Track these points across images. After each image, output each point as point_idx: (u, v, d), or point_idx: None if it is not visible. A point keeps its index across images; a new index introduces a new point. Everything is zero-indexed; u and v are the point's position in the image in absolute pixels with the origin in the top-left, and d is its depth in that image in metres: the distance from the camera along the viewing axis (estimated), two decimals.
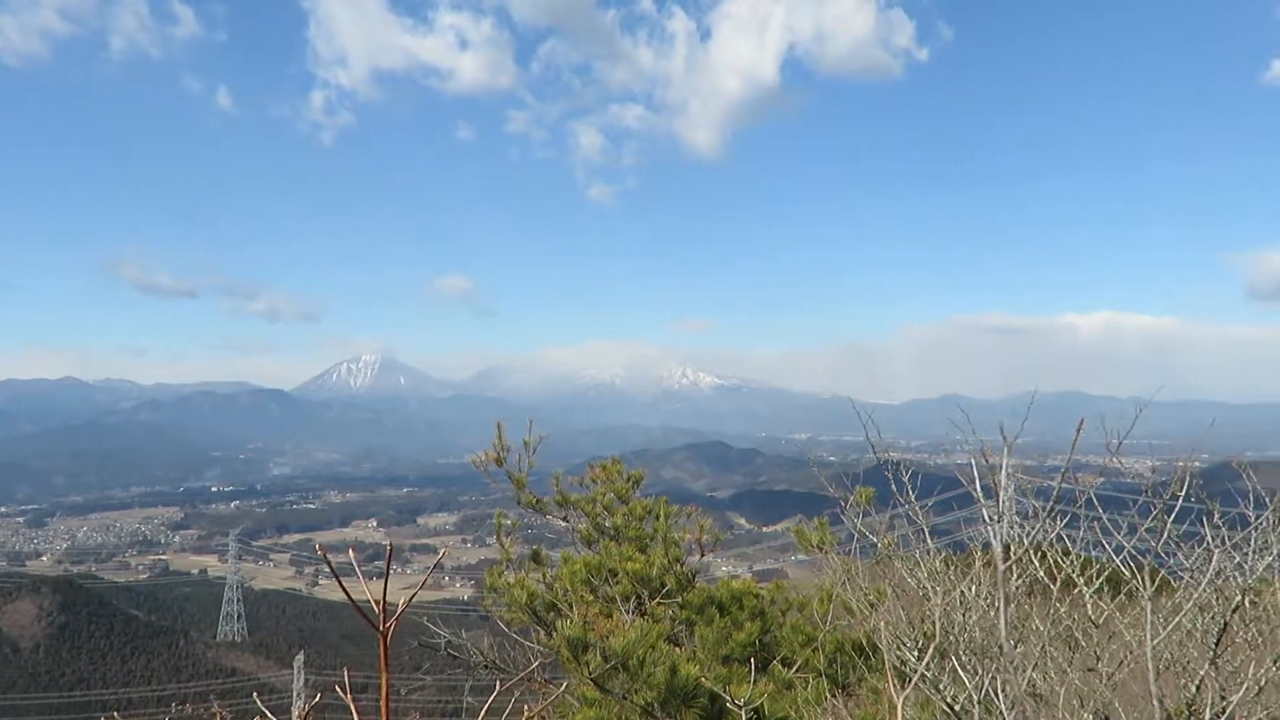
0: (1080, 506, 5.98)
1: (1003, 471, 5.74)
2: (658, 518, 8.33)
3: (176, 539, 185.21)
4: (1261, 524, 5.20)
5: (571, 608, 6.36)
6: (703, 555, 8.35)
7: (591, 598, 7.10)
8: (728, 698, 4.69)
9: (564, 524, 8.83)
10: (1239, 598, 4.64)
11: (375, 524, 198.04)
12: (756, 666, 7.24)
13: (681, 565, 7.86)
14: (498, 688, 2.51)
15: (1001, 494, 5.81)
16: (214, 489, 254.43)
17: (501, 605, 7.40)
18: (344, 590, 1.63)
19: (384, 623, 1.56)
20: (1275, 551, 4.71)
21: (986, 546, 7.32)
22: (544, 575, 7.98)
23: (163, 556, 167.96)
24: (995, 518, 3.46)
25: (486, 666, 6.12)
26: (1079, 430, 5.31)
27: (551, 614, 7.00)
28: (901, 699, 2.40)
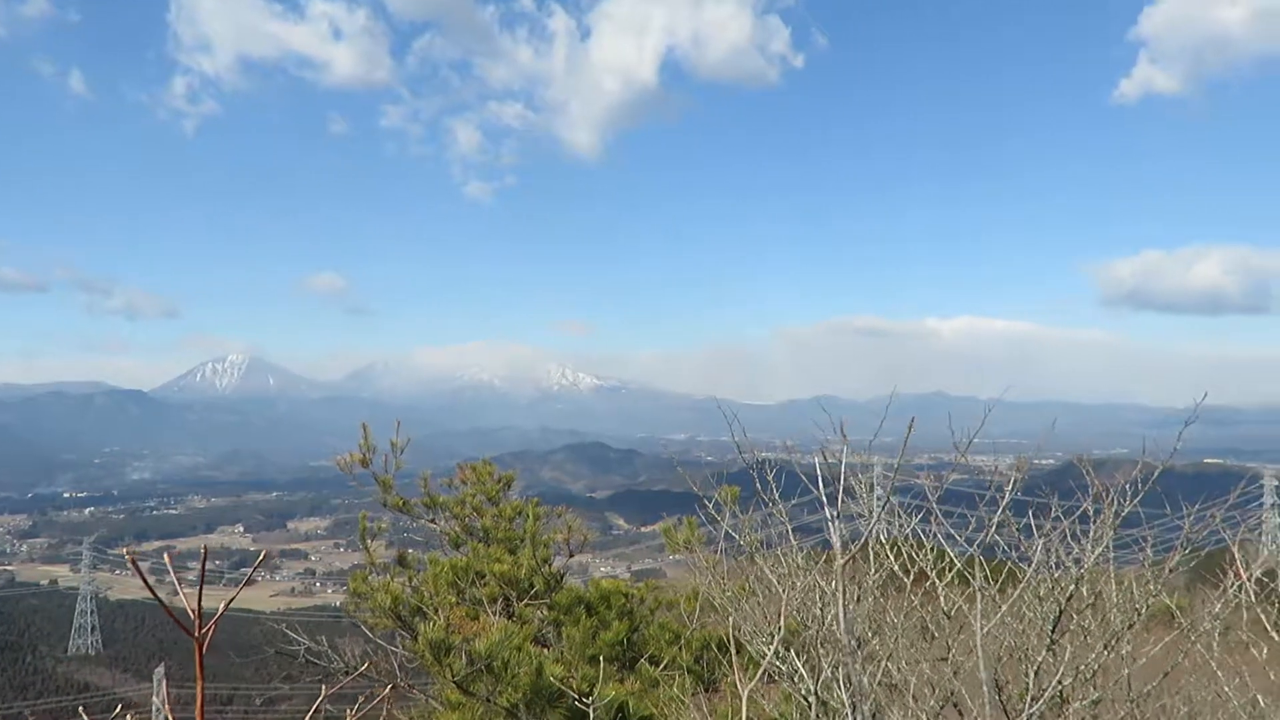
0: (937, 502, 6.22)
1: (874, 470, 5.95)
2: (528, 519, 8.28)
3: (23, 548, 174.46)
4: (1100, 518, 5.51)
5: (437, 611, 6.26)
6: (571, 555, 8.35)
7: (458, 600, 7.01)
8: (575, 697, 4.70)
9: (433, 526, 8.69)
10: (1073, 587, 4.91)
11: (242, 529, 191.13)
12: (624, 665, 7.28)
13: (550, 566, 7.83)
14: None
15: (841, 489, 6.01)
16: (66, 495, 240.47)
17: (366, 610, 7.23)
18: (153, 594, 1.56)
19: (199, 628, 1.50)
20: (1105, 543, 5.00)
21: (847, 543, 7.54)
22: (410, 578, 7.84)
23: (8, 567, 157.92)
24: (835, 514, 3.57)
25: (348, 673, 5.96)
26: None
27: (417, 618, 6.87)
28: (746, 691, 2.45)
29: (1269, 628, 5.06)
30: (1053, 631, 4.96)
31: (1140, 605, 5.21)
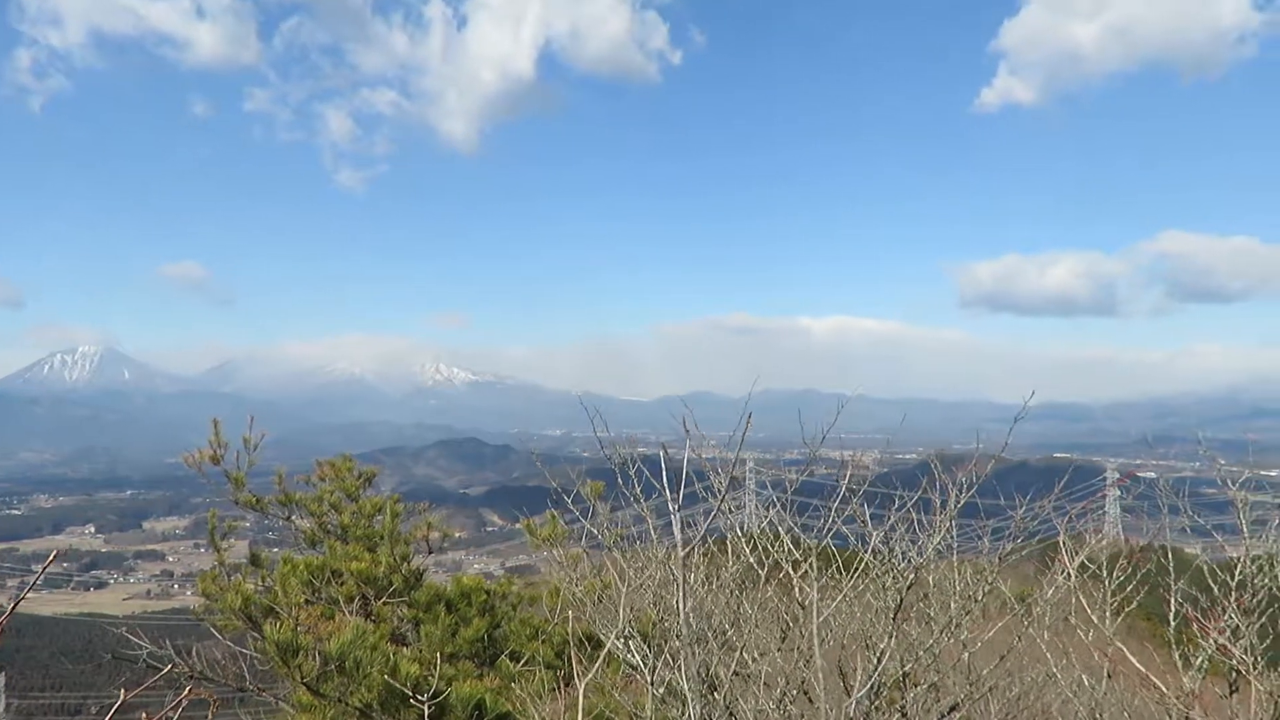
0: (805, 495, 6.41)
1: (747, 464, 6.06)
2: (388, 516, 8.14)
3: None
4: (943, 509, 5.77)
5: (294, 611, 6.09)
6: (430, 552, 8.25)
7: (313, 600, 6.84)
8: (422, 696, 4.66)
9: (288, 524, 8.44)
10: (912, 576, 5.13)
11: (93, 530, 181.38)
12: (485, 662, 7.24)
13: (410, 563, 7.72)
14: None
15: (718, 483, 6.13)
16: None
17: (216, 612, 6.98)
18: None
19: None
20: (943, 533, 5.24)
21: (708, 536, 7.67)
22: (263, 578, 7.60)
23: None
24: (675, 508, 3.64)
25: (194, 678, 5.75)
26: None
27: (270, 619, 6.66)
28: (585, 683, 2.48)
29: (1089, 612, 5.40)
30: (894, 619, 5.17)
31: (976, 593, 5.49)
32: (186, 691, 2.04)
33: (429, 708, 4.62)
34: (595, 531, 6.20)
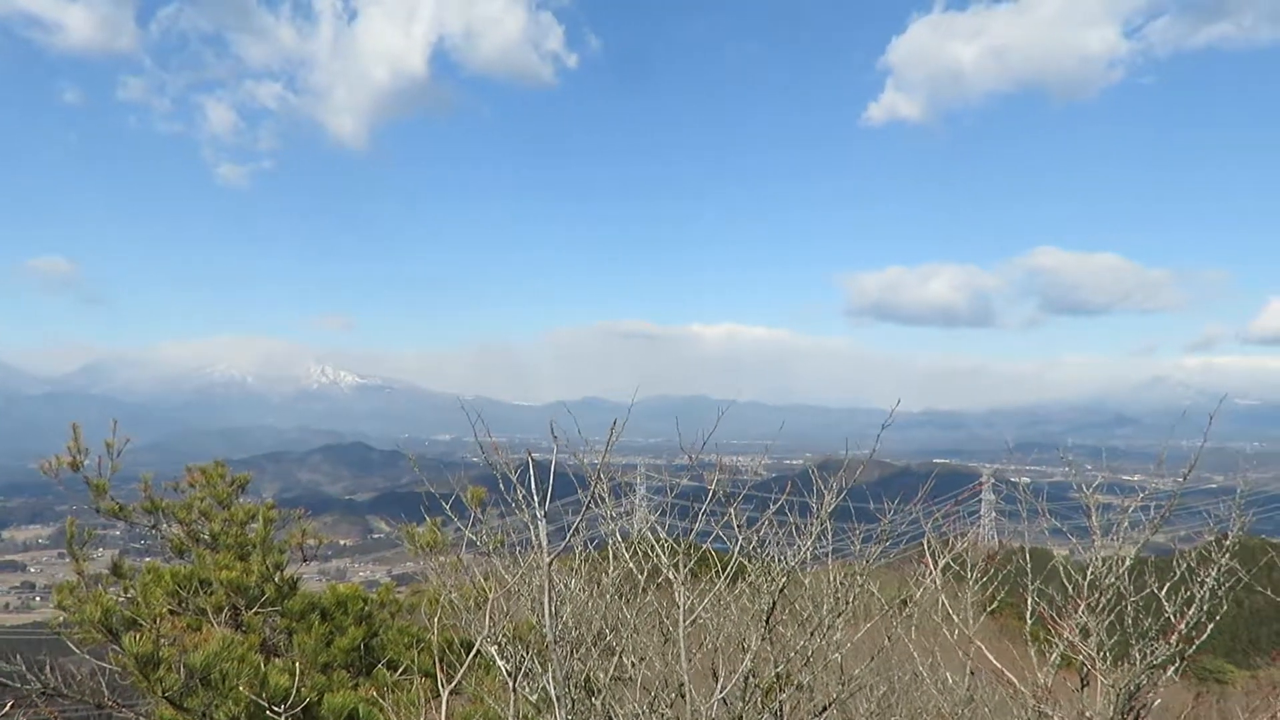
0: (693, 500, 6.47)
1: (637, 469, 6.10)
2: (261, 523, 7.90)
3: None
4: (818, 514, 5.93)
5: (155, 623, 5.86)
6: (306, 560, 8.04)
7: (179, 611, 6.59)
8: (267, 707, 4.56)
9: (154, 532, 8.11)
10: (784, 578, 5.25)
11: None
12: (361, 671, 7.10)
13: (283, 572, 7.51)
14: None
15: (597, 489, 6.15)
16: None
17: (74, 625, 6.65)
18: None
19: None
20: (814, 537, 5.38)
21: (588, 542, 7.70)
22: (126, 589, 7.28)
23: None
24: (539, 513, 3.65)
25: (46, 694, 5.46)
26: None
27: (131, 631, 6.38)
28: (449, 690, 2.46)
29: (951, 613, 5.62)
30: (766, 621, 5.29)
31: (847, 595, 5.65)
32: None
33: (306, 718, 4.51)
34: (475, 539, 6.16)
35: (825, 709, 5.97)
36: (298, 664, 6.33)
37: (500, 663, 4.55)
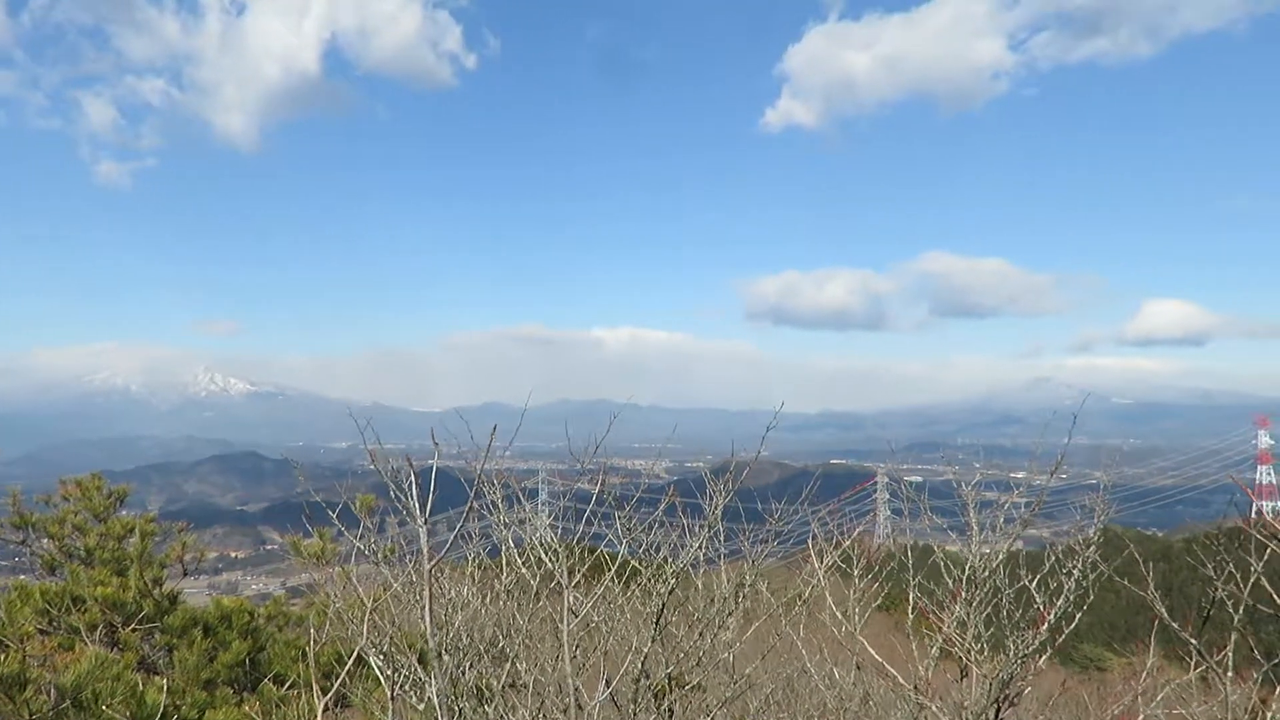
0: (595, 504, 6.48)
1: (539, 474, 6.08)
2: (140, 537, 7.61)
3: None
4: (709, 516, 6.02)
5: (22, 643, 5.60)
6: (186, 574, 7.78)
7: (49, 630, 6.30)
8: None
9: (21, 547, 7.74)
10: (674, 580, 5.33)
11: None
12: (246, 687, 6.91)
13: (162, 586, 7.25)
14: None
15: (491, 495, 6.14)
16: None
17: None
18: None
19: None
20: (702, 539, 5.47)
21: (490, 552, 7.67)
22: None
23: None
24: (420, 520, 3.64)
25: None
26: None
27: None
28: (324, 701, 2.43)
29: (835, 610, 5.78)
30: (656, 623, 5.35)
31: (736, 595, 5.76)
32: None
33: None
34: (363, 548, 6.06)
35: (718, 706, 6.07)
36: (178, 682, 6.14)
37: (385, 673, 4.49)
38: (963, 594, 5.89)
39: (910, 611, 5.91)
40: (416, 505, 3.62)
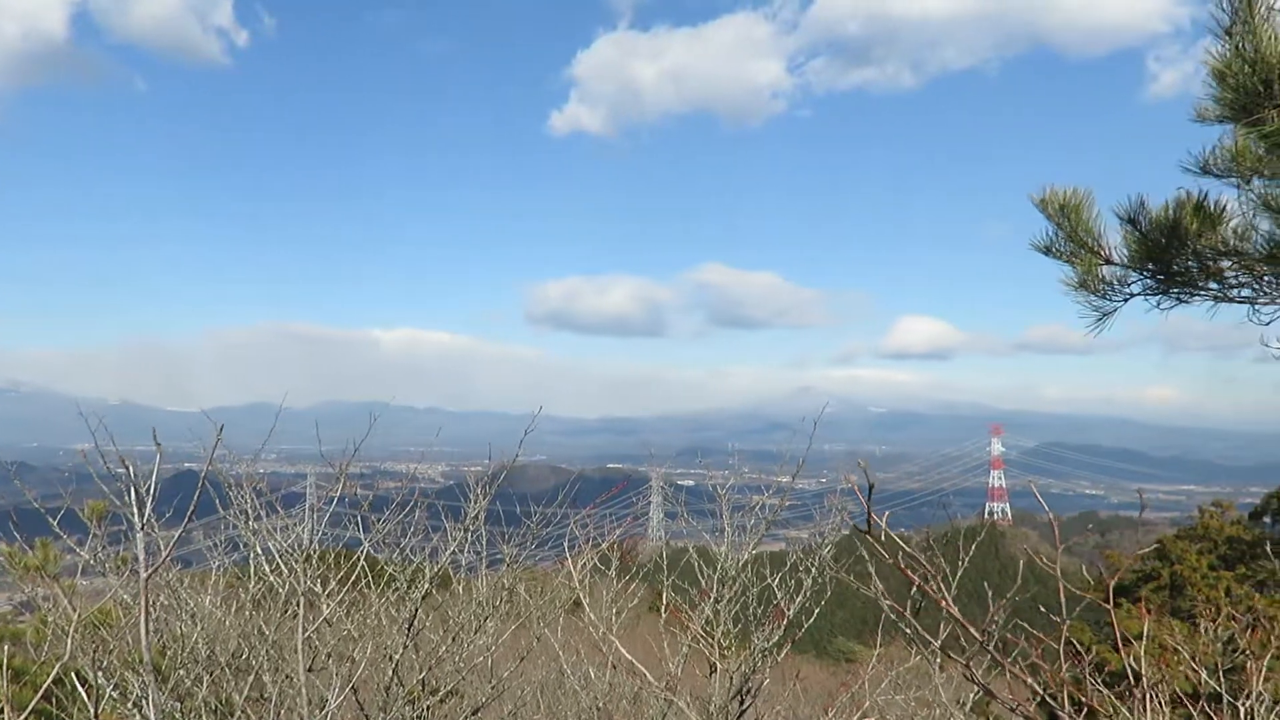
0: (369, 509, 6.27)
1: (307, 479, 5.80)
2: None
3: None
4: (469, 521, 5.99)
5: None
6: None
7: None
8: None
9: None
10: (427, 585, 5.27)
11: None
12: None
13: None
14: None
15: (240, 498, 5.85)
16: None
17: None
18: None
19: None
20: (456, 543, 5.45)
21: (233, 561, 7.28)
22: None
23: None
24: (139, 526, 3.45)
25: None
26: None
27: None
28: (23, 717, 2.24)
29: (589, 611, 5.89)
30: (409, 629, 5.27)
31: (493, 599, 5.76)
32: None
33: None
34: (90, 558, 5.63)
35: (475, 711, 6.04)
36: None
37: (103, 691, 4.19)
38: (712, 593, 6.15)
39: (662, 611, 6.11)
40: (135, 511, 3.41)
